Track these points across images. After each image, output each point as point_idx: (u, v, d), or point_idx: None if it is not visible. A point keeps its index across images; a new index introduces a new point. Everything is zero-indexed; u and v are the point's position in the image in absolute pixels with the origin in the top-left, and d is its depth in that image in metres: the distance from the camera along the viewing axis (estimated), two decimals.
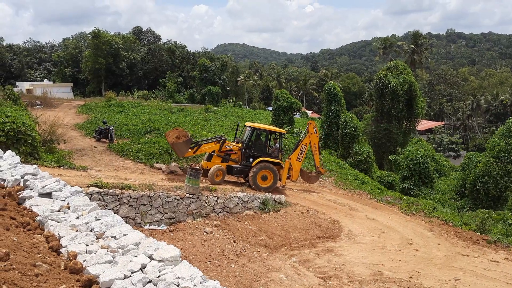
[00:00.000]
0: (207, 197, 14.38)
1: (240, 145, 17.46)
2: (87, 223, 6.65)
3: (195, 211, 14.05)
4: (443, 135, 68.20)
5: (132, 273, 5.19)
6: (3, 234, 5.56)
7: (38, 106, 35.16)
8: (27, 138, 14.12)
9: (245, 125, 18.39)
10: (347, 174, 23.28)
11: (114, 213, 7.59)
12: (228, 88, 76.45)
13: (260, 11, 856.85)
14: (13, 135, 13.79)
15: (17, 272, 4.65)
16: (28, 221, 6.60)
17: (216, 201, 14.58)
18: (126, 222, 7.51)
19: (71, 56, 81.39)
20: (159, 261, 5.49)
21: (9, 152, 10.65)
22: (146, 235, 6.60)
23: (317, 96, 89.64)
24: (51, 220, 6.65)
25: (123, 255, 5.69)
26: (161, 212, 13.41)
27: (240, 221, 14.24)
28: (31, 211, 7.14)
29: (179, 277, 5.15)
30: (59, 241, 6.00)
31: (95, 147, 20.47)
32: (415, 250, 13.75)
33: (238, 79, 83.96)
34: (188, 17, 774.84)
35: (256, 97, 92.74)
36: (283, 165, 17.68)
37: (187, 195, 13.96)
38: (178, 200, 13.75)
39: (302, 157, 18.41)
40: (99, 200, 12.17)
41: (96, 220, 6.75)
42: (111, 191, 12.58)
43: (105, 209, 10.13)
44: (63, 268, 5.25)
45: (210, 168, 16.31)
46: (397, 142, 36.65)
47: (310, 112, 75.98)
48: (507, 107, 79.41)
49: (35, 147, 14.54)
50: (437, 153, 42.84)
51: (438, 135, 68.35)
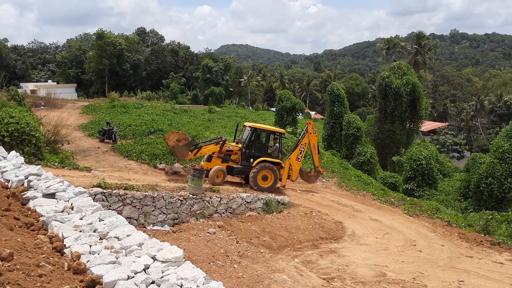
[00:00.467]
0: (210, 198, 14.39)
1: (240, 145, 17.39)
2: (90, 223, 6.67)
3: (198, 211, 14.06)
4: (446, 136, 67.90)
5: (136, 273, 5.20)
6: (7, 234, 5.58)
7: (42, 107, 35.27)
8: (31, 139, 14.16)
9: (244, 125, 18.30)
10: (350, 175, 23.24)
11: (118, 213, 7.60)
12: (231, 89, 76.49)
13: (264, 12, 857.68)
14: (17, 136, 13.83)
15: (21, 272, 4.66)
16: (32, 221, 6.62)
17: (219, 201, 14.58)
18: (129, 222, 7.52)
19: (75, 57, 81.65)
20: (162, 261, 5.50)
21: (13, 152, 10.69)
22: (149, 235, 6.62)
23: (320, 97, 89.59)
24: (55, 220, 6.67)
25: (126, 255, 5.71)
26: (164, 213, 13.42)
27: (243, 222, 14.23)
28: (35, 211, 7.16)
29: (182, 278, 5.16)
30: (63, 242, 6.02)
31: (98, 147, 20.50)
32: (418, 251, 13.72)
33: (241, 80, 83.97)
34: (191, 17, 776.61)
35: (259, 98, 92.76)
36: (283, 165, 17.64)
37: (190, 195, 13.97)
38: (181, 200, 13.77)
39: (301, 157, 18.37)
40: (103, 200, 12.20)
41: (99, 221, 6.76)
42: (114, 191, 12.61)
43: (109, 209, 10.14)
44: (66, 269, 5.27)
45: (211, 169, 16.26)
46: (400, 143, 36.55)
47: (313, 113, 75.92)
48: (511, 108, 79.08)
49: (39, 148, 14.58)
50: (440, 154, 42.75)
51: (441, 136, 68.06)
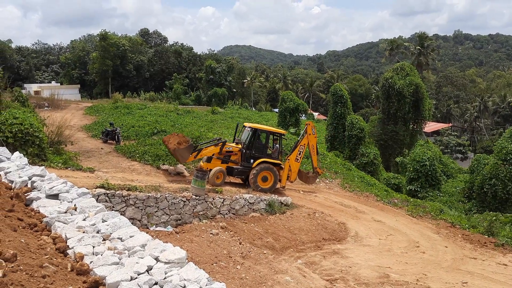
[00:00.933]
0: (213, 199, 14.38)
1: (240, 146, 17.31)
2: (93, 224, 6.68)
3: (201, 212, 14.05)
4: (450, 137, 67.70)
5: (139, 274, 5.21)
6: (11, 235, 5.59)
7: (45, 108, 35.36)
8: (34, 140, 14.20)
9: (244, 126, 18.20)
10: (353, 176, 23.19)
11: (121, 214, 7.61)
12: (234, 90, 76.53)
13: (267, 13, 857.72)
14: (21, 137, 13.87)
15: (24, 273, 4.67)
16: (35, 222, 6.64)
17: (222, 202, 14.57)
18: (132, 223, 7.54)
19: (78, 58, 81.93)
20: (165, 263, 5.51)
21: (16, 153, 10.72)
22: (152, 236, 6.62)
23: (324, 98, 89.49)
24: (58, 221, 6.69)
25: (129, 256, 5.71)
26: (167, 214, 13.43)
27: (246, 223, 14.22)
28: (39, 212, 7.18)
29: (185, 279, 5.16)
30: (66, 243, 6.03)
31: (102, 148, 20.53)
32: (422, 252, 13.68)
33: (244, 80, 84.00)
34: (195, 19, 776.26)
35: (262, 98, 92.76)
36: (282, 166, 17.59)
37: (193, 196, 13.97)
38: (184, 201, 13.77)
39: (300, 157, 18.32)
40: (106, 201, 12.21)
41: (102, 222, 6.77)
42: (117, 192, 12.62)
43: (112, 210, 10.16)
44: (70, 270, 5.28)
45: (211, 170, 16.14)
46: (404, 144, 36.48)
47: (317, 113, 75.82)
48: None
49: (42, 149, 14.61)
50: (444, 155, 42.60)
51: (445, 137, 67.89)
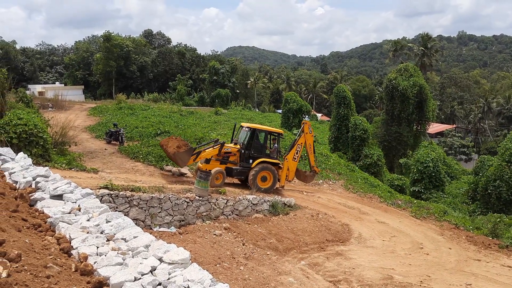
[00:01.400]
0: (217, 200, 14.37)
1: (238, 146, 17.19)
2: (97, 225, 6.69)
3: (204, 213, 14.05)
4: (454, 138, 67.53)
5: (142, 275, 5.21)
6: (15, 235, 5.61)
7: (49, 109, 35.51)
8: (38, 140, 14.25)
9: (241, 126, 18.07)
10: (357, 177, 23.15)
11: (124, 215, 7.62)
12: (237, 91, 76.59)
13: (270, 14, 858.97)
14: (25, 137, 13.92)
15: (28, 273, 4.69)
16: (39, 222, 6.66)
17: (226, 203, 14.57)
18: (136, 224, 7.55)
19: (82, 59, 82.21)
20: (169, 263, 5.51)
21: (21, 154, 10.76)
22: (156, 237, 6.62)
23: (327, 99, 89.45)
24: (62, 222, 6.70)
25: (133, 257, 5.71)
26: (170, 215, 13.43)
27: (250, 224, 14.21)
28: (43, 212, 7.20)
29: (188, 280, 5.16)
30: (70, 243, 6.05)
31: (105, 149, 20.61)
32: (425, 254, 13.63)
33: (248, 81, 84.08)
34: (198, 20, 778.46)
35: (265, 99, 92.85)
36: (281, 166, 17.54)
37: (197, 197, 13.97)
38: (187, 202, 13.77)
39: (298, 156, 18.26)
40: (110, 202, 12.22)
41: (106, 222, 6.79)
42: (121, 193, 12.63)
43: (116, 211, 10.18)
44: (74, 270, 5.29)
45: (210, 171, 15.88)
46: (407, 145, 36.38)
47: (320, 114, 75.82)
48: None
49: (46, 149, 14.67)
50: (448, 157, 42.53)
51: (449, 138, 67.70)
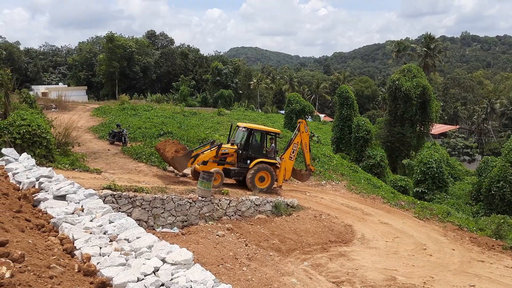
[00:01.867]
0: (220, 200, 14.38)
1: (235, 147, 17.02)
2: (100, 225, 6.70)
3: (207, 214, 14.06)
4: (457, 139, 67.28)
5: (145, 276, 5.21)
6: (19, 236, 5.63)
7: (53, 109, 35.58)
8: (42, 141, 14.29)
9: (237, 126, 17.87)
10: (360, 178, 23.10)
11: (127, 215, 7.63)
12: (240, 92, 76.64)
13: (273, 15, 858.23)
14: (29, 138, 13.97)
15: (32, 273, 4.70)
16: (43, 223, 6.68)
17: (228, 204, 14.57)
18: (139, 224, 7.55)
19: (85, 59, 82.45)
20: (172, 264, 5.51)
21: (24, 154, 10.81)
22: (158, 238, 6.63)
23: (330, 100, 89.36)
24: (66, 222, 6.72)
25: (136, 258, 5.72)
26: (173, 215, 13.45)
27: (252, 224, 14.21)
28: (46, 213, 7.22)
29: (191, 281, 5.16)
30: (73, 244, 6.06)
31: (108, 150, 20.63)
32: (429, 255, 13.59)
33: (251, 82, 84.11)
34: (201, 20, 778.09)
35: (268, 100, 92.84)
36: (278, 166, 17.45)
37: (200, 198, 13.97)
38: (190, 203, 13.77)
39: (294, 155, 18.16)
40: (113, 202, 12.24)
41: (109, 223, 6.80)
42: (124, 193, 12.64)
43: (118, 211, 10.20)
44: (77, 270, 5.30)
45: (200, 172, 15.56)
46: (410, 146, 36.26)
47: (323, 115, 75.75)
48: None
49: (50, 150, 14.71)
50: (451, 157, 42.35)
51: (452, 139, 67.46)
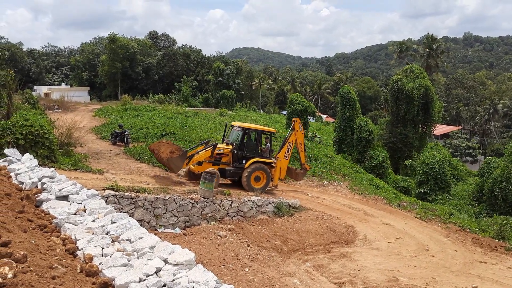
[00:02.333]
0: (221, 201, 14.38)
1: (230, 147, 16.92)
2: (103, 226, 6.71)
3: (209, 214, 14.06)
4: (460, 140, 67.11)
5: (147, 276, 5.22)
6: (21, 236, 5.64)
7: (55, 110, 35.65)
8: (44, 141, 14.32)
9: (232, 125, 17.78)
10: (362, 178, 23.09)
11: (129, 216, 7.64)
12: (242, 92, 76.63)
13: (275, 15, 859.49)
14: (31, 138, 14.00)
15: (34, 274, 4.71)
16: (45, 223, 6.69)
17: (230, 205, 14.57)
18: (141, 225, 7.56)
19: (88, 60, 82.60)
20: (174, 264, 5.51)
21: (27, 155, 10.83)
22: (161, 238, 6.63)
23: (332, 100, 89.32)
24: (68, 222, 6.73)
25: (138, 258, 5.73)
26: (175, 216, 13.45)
27: (254, 225, 14.21)
28: (48, 213, 7.24)
29: (193, 281, 5.16)
30: (76, 244, 6.07)
31: (111, 150, 20.65)
32: (431, 256, 13.56)
33: (253, 83, 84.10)
34: (203, 21, 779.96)
35: (270, 101, 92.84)
36: (274, 165, 17.39)
37: (202, 198, 13.98)
38: (192, 203, 13.78)
39: (289, 155, 18.11)
40: (115, 203, 12.25)
41: (111, 223, 6.81)
42: (126, 194, 12.65)
43: (121, 212, 10.21)
44: (79, 271, 5.31)
45: (202, 173, 15.53)
46: (413, 147, 36.23)
47: (325, 116, 75.72)
48: None
49: (52, 150, 14.74)
50: (453, 158, 42.32)
51: (455, 139, 67.30)
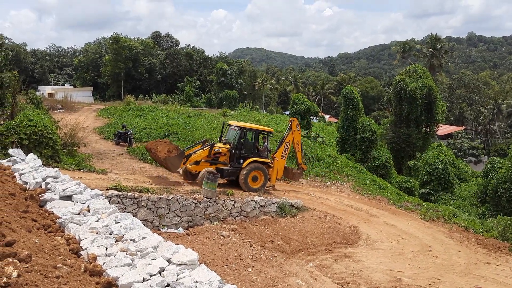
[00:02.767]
0: (224, 201, 14.40)
1: (228, 146, 16.83)
2: (106, 226, 6.73)
3: (212, 214, 14.08)
4: (463, 140, 66.85)
5: (151, 276, 5.23)
6: (25, 236, 5.66)
7: (59, 110, 35.75)
8: (48, 142, 14.37)
9: (229, 125, 17.71)
10: (365, 179, 23.05)
11: (133, 216, 7.66)
12: (245, 92, 76.62)
13: (279, 15, 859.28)
14: (35, 139, 14.05)
15: (38, 273, 4.72)
16: (49, 223, 6.71)
17: (233, 205, 14.58)
18: (144, 225, 7.58)
19: (91, 60, 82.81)
20: (177, 264, 5.53)
21: (31, 155, 10.88)
22: (164, 238, 6.64)
23: (335, 100, 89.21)
24: (72, 222, 6.75)
25: (141, 258, 5.74)
26: (178, 216, 13.48)
27: (257, 225, 14.21)
28: (52, 213, 7.26)
29: (197, 281, 5.17)
30: (79, 244, 6.09)
31: (114, 150, 20.70)
32: (434, 257, 13.53)
33: (256, 83, 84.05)
34: (207, 21, 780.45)
35: (273, 101, 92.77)
36: (271, 165, 17.33)
37: (205, 198, 14.01)
38: (195, 203, 13.81)
39: (286, 154, 18.05)
40: (118, 203, 12.28)
41: (115, 223, 6.83)
42: (130, 194, 12.69)
43: (124, 212, 10.24)
44: (83, 271, 5.33)
45: (200, 172, 15.67)
46: (416, 147, 36.14)
47: (328, 116, 75.61)
48: None
49: (56, 150, 14.79)
50: (457, 158, 42.13)
51: (458, 140, 67.05)
